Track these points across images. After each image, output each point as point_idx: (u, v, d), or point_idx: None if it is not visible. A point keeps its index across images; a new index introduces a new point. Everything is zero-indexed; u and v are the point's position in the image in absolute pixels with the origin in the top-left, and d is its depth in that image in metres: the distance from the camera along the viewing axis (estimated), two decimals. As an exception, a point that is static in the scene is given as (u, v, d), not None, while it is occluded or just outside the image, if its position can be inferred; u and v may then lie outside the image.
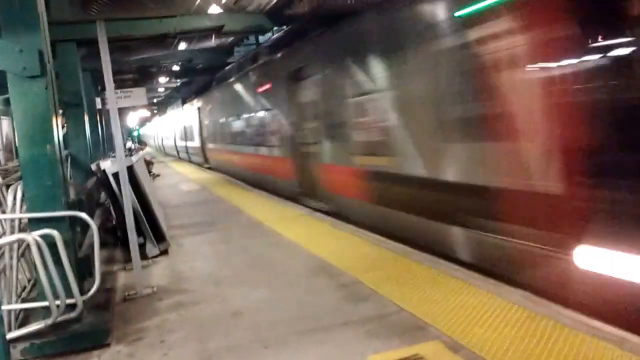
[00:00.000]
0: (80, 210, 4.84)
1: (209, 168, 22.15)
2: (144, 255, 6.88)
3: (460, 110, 5.85)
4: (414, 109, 6.84)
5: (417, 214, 6.81)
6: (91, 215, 7.27)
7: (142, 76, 21.39)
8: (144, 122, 66.28)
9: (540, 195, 4.75)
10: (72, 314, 4.39)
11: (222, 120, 18.36)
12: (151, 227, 7.22)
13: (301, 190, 11.09)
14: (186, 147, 27.81)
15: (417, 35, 6.57)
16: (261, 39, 18.85)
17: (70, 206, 4.62)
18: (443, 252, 6.19)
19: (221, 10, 12.10)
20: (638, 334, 3.61)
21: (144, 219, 7.14)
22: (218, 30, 11.55)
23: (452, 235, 6.12)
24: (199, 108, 22.80)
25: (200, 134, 23.17)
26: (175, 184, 16.97)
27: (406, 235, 7.04)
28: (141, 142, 55.92)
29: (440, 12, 6.19)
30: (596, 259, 4.23)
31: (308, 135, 10.40)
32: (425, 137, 6.61)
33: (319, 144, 9.82)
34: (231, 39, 17.56)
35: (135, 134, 70.98)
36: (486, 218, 5.51)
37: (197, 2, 12.71)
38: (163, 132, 43.71)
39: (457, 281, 5.11)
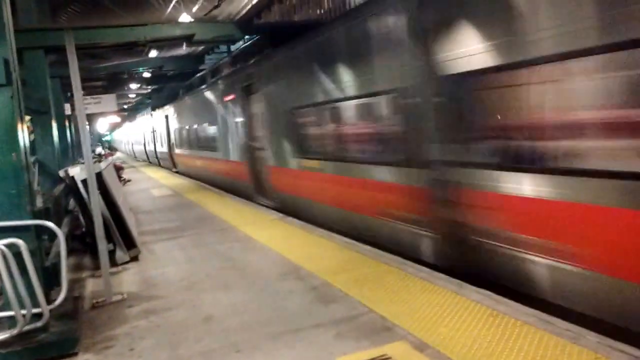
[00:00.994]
0: (48, 218, 4.80)
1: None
2: (113, 262, 6.85)
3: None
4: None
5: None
6: (59, 223, 7.21)
7: (113, 83, 21.18)
8: (115, 127, 65.42)
9: None
10: (39, 324, 4.34)
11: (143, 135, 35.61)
12: (121, 233, 7.18)
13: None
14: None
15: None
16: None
17: (36, 214, 4.58)
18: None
19: (192, 19, 12.09)
20: None
21: (114, 225, 7.09)
22: (188, 39, 11.50)
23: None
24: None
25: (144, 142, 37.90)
26: (147, 189, 16.85)
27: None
28: (111, 148, 55.33)
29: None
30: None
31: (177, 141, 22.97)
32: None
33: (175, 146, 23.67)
34: (202, 47, 17.55)
35: (107, 139, 70.02)
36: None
37: (168, 11, 12.69)
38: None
39: (422, 282, 5.22)
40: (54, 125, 10.77)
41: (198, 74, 22.32)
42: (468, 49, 5.18)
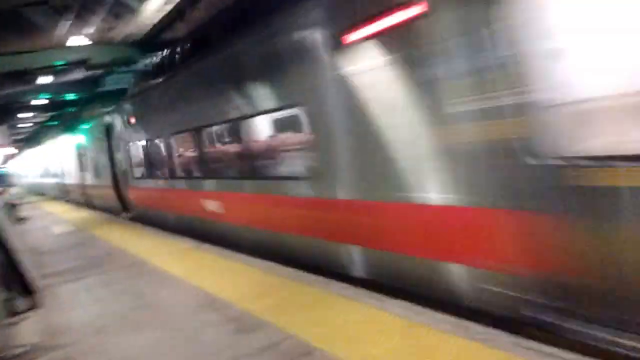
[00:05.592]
0: None
1: None
2: (12, 311, 6.28)
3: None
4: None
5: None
6: (-54, 273, 6.54)
7: (2, 113, 19.87)
8: (10, 159, 61.47)
9: None
10: None
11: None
12: (18, 278, 6.61)
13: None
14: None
15: None
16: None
17: None
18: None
19: (87, 42, 11.51)
20: None
21: (9, 270, 6.53)
22: (84, 64, 10.95)
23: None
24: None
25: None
26: (47, 227, 15.83)
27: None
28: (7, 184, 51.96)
29: None
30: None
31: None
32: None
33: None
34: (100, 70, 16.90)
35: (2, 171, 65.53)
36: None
37: (55, 34, 12.03)
38: None
39: (345, 300, 5.16)
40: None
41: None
42: None
